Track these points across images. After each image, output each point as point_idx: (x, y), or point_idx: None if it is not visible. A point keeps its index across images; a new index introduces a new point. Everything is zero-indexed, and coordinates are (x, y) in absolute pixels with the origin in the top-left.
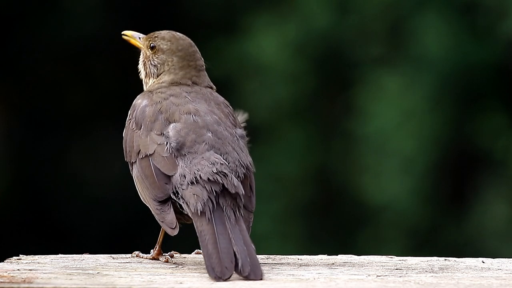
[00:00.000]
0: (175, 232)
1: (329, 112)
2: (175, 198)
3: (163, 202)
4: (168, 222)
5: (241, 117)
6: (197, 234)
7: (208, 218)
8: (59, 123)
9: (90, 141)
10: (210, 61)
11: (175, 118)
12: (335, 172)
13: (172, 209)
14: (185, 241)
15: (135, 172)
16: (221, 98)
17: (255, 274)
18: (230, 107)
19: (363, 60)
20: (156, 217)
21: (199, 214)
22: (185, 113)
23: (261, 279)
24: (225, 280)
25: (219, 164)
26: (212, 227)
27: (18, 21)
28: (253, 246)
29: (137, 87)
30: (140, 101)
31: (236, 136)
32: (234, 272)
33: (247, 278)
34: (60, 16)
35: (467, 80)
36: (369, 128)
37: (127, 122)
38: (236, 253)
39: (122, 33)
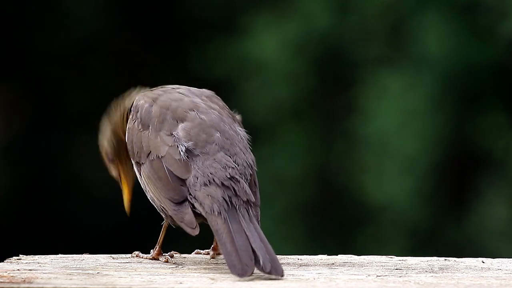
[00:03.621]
0: (196, 231)
1: (329, 112)
2: (188, 198)
3: (179, 203)
4: (187, 221)
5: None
6: (214, 233)
7: (224, 218)
8: (59, 123)
9: (90, 141)
10: (210, 61)
11: (181, 116)
12: (336, 172)
13: (190, 209)
14: (185, 241)
15: (145, 172)
16: (208, 91)
17: (276, 271)
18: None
19: (363, 60)
20: (174, 217)
21: (215, 214)
22: (188, 109)
23: (283, 275)
24: (248, 276)
25: (230, 168)
26: (227, 225)
27: (18, 21)
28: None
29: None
30: (142, 102)
31: (240, 135)
32: (255, 268)
33: (269, 274)
34: (60, 16)
35: (468, 80)
36: (370, 128)
37: (130, 123)
38: (256, 250)
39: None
